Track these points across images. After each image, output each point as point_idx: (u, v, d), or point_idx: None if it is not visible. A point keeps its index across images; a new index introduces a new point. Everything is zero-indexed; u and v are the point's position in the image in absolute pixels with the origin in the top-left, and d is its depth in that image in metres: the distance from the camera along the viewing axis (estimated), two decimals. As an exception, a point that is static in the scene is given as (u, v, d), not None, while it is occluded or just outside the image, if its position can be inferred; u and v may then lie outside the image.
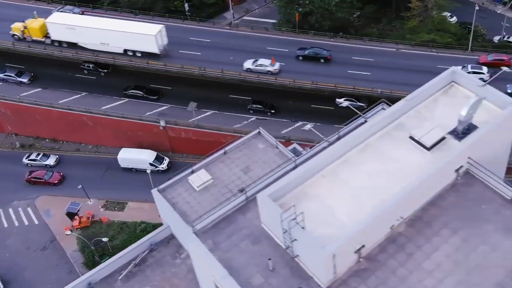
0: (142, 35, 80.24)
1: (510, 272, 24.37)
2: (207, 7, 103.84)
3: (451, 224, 26.39)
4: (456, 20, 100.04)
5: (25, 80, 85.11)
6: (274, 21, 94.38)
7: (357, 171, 27.69)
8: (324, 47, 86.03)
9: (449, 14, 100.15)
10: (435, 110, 31.14)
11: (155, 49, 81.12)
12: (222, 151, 45.01)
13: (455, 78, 32.50)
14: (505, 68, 34.35)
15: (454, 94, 32.02)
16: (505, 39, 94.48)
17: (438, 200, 27.45)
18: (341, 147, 28.35)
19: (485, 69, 79.76)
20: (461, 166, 28.18)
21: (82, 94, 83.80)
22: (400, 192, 25.28)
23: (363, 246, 24.46)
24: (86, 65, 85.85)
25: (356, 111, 32.91)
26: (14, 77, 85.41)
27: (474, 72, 78.41)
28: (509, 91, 76.20)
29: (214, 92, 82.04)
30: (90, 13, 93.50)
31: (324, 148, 30.67)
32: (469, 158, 28.25)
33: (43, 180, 77.71)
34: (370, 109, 33.60)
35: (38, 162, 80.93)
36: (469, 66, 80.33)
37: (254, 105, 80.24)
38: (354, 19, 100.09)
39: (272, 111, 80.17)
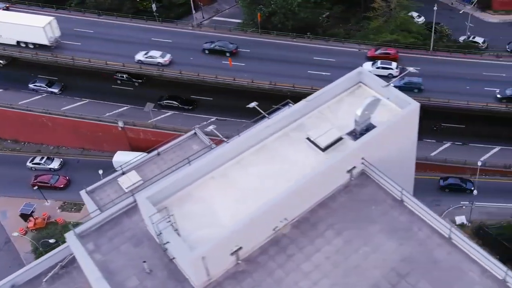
0: (32, 27, 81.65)
1: (387, 273, 24.27)
2: (177, 7, 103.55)
3: (337, 225, 26.26)
4: (424, 20, 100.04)
5: (55, 90, 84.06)
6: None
7: (249, 172, 27.55)
8: (287, 47, 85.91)
9: (416, 14, 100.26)
10: (339, 110, 31.01)
11: (44, 41, 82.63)
12: (155, 152, 44.89)
13: (361, 78, 32.37)
14: (410, 69, 34.01)
15: (360, 94, 31.85)
16: (470, 39, 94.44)
17: (328, 201, 27.33)
18: (234, 148, 28.18)
19: (394, 64, 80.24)
20: (354, 167, 28.02)
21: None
22: (281, 193, 25.12)
23: (240, 248, 24.27)
24: (119, 75, 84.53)
25: (261, 111, 32.73)
26: (44, 87, 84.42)
27: (383, 68, 78.79)
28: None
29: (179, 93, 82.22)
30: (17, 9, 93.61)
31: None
32: (363, 158, 28.10)
33: (49, 185, 76.85)
34: (276, 108, 33.46)
35: (42, 166, 79.82)
36: (379, 62, 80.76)
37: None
38: (323, 19, 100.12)
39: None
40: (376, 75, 77.86)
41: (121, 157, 75.89)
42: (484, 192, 72.96)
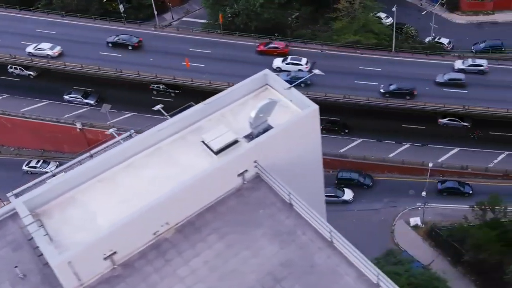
0: None
1: (263, 277, 24.08)
2: (146, 8, 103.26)
3: (222, 229, 26.04)
4: (392, 21, 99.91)
5: (92, 102, 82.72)
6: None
7: (138, 176, 27.27)
8: (249, 48, 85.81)
9: (385, 15, 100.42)
10: (241, 113, 30.74)
11: None
12: (88, 154, 44.47)
13: (267, 80, 32.13)
14: (316, 71, 33.79)
15: (265, 97, 31.56)
16: (435, 40, 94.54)
17: (217, 205, 27.09)
18: (125, 150, 27.95)
19: (304, 60, 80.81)
20: (246, 170, 27.82)
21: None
22: (158, 197, 24.91)
23: (115, 252, 24.03)
24: (155, 85, 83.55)
25: (164, 113, 32.46)
26: (80, 98, 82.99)
27: (293, 64, 79.57)
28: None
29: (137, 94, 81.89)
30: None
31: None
32: (255, 161, 27.90)
33: None
34: (181, 110, 33.18)
35: (38, 169, 78.73)
36: (289, 57, 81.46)
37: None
38: (293, 20, 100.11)
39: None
40: (287, 70, 79.78)
41: None
42: (441, 193, 73.18)
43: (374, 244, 67.00)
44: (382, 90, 78.17)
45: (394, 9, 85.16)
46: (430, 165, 65.88)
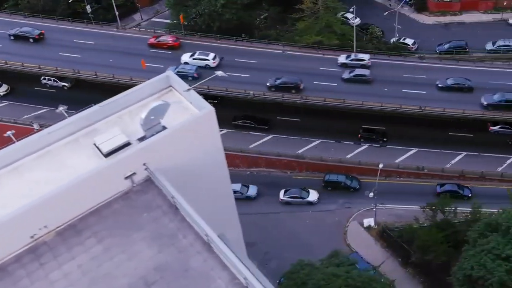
0: None
1: (135, 281, 23.88)
2: (116, 9, 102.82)
3: (102, 232, 25.80)
4: (360, 21, 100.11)
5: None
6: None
7: (24, 179, 27.01)
8: (211, 49, 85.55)
9: (352, 15, 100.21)
10: (140, 115, 30.53)
11: None
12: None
13: (171, 82, 31.93)
14: (219, 73, 33.62)
15: (168, 99, 31.41)
16: (400, 40, 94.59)
17: (103, 208, 26.85)
18: (12, 153, 27.68)
19: (211, 55, 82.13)
20: (134, 173, 27.58)
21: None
22: (33, 201, 24.66)
23: (-16, 257, 23.79)
24: None
25: (65, 114, 32.24)
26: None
27: (200, 59, 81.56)
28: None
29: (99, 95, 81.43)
30: None
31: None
32: (144, 164, 27.68)
33: None
34: (81, 111, 32.92)
35: None
36: (197, 52, 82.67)
37: None
38: (261, 20, 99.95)
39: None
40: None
41: None
42: (397, 194, 73.18)
43: (326, 245, 67.03)
44: (268, 84, 78.34)
45: (351, 10, 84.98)
46: (381, 166, 65.77)
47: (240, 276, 23.64)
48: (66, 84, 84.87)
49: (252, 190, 74.50)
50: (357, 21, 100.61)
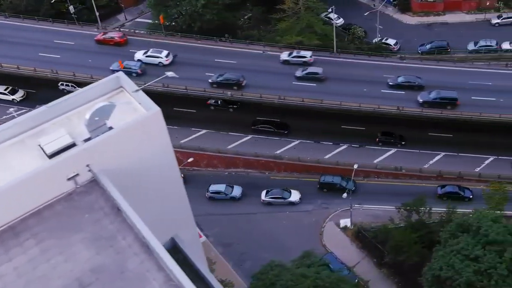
0: None
1: (70, 283, 23.74)
2: (100, 9, 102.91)
3: (41, 234, 25.64)
4: (343, 21, 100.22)
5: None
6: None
7: (-37, 181, 26.84)
8: (191, 49, 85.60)
9: (336, 16, 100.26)
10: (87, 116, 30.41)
11: None
12: None
13: (121, 83, 31.80)
14: (169, 73, 33.53)
15: (118, 99, 31.30)
16: (383, 41, 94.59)
17: (44, 210, 26.69)
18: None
19: (164, 53, 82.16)
20: (77, 174, 27.44)
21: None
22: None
23: None
24: (213, 101, 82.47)
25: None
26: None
27: (153, 56, 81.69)
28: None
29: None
30: None
31: None
32: (88, 165, 27.54)
33: None
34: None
35: None
36: (151, 50, 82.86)
37: None
38: (245, 20, 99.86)
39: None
40: (147, 63, 79.94)
41: None
42: (376, 194, 73.20)
43: (302, 245, 66.85)
44: (210, 81, 79.02)
45: (330, 9, 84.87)
46: (355, 166, 65.75)
47: (176, 278, 23.54)
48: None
49: (237, 191, 74.37)
50: (341, 21, 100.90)
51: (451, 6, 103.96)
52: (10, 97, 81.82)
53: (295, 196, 73.39)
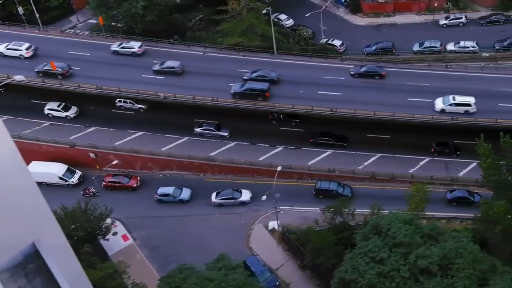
0: None
1: None
2: (52, 10, 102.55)
3: None
4: (293, 23, 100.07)
5: (225, 134, 79.44)
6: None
7: None
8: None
9: (285, 16, 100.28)
10: None
11: None
12: None
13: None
14: (17, 77, 33.03)
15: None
16: (329, 41, 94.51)
17: None
18: None
19: (25, 45, 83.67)
20: None
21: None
22: None
23: None
24: (275, 115, 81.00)
25: None
26: (213, 131, 79.43)
27: (14, 49, 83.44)
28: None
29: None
30: None
31: None
32: None
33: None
34: None
35: None
36: (13, 42, 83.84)
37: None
38: (196, 21, 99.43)
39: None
40: (8, 56, 79.27)
41: (35, 168, 72.42)
42: (310, 196, 72.94)
43: (228, 248, 66.25)
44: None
45: (265, 11, 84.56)
46: (279, 168, 65.39)
47: None
48: (142, 106, 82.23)
49: (185, 194, 73.84)
50: (290, 22, 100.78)
51: (401, 7, 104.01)
52: (63, 114, 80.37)
53: (246, 195, 72.77)
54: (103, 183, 75.80)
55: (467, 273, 49.70)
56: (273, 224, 69.00)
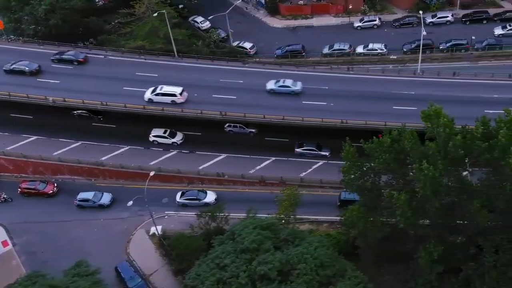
0: None
1: None
2: None
3: None
4: (209, 25, 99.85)
5: (327, 154, 76.06)
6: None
7: None
8: (28, 54, 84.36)
9: (202, 19, 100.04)
10: None
11: None
12: None
13: None
14: None
15: None
16: (240, 44, 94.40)
17: None
18: None
19: None
20: None
21: None
22: None
23: None
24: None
25: None
26: (315, 151, 76.22)
27: None
28: None
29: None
30: None
31: None
32: None
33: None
34: None
35: None
36: None
37: None
38: (115, 24, 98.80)
39: None
40: None
41: None
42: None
43: (107, 254, 66.35)
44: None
45: (156, 14, 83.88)
46: (152, 173, 64.75)
47: None
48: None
49: (106, 198, 73.08)
50: (207, 24, 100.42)
51: (319, 9, 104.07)
52: (170, 141, 78.61)
53: (210, 197, 71.73)
54: (19, 189, 74.94)
55: (307, 279, 49.62)
56: (154, 229, 68.47)
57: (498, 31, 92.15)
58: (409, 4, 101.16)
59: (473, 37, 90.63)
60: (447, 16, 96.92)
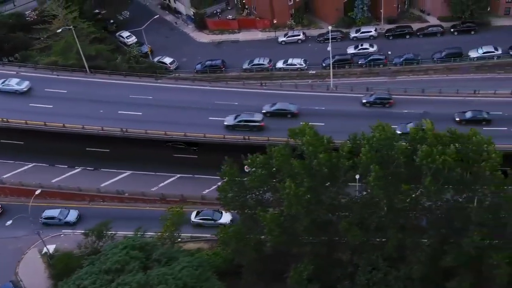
0: None
1: None
2: None
3: None
4: (136, 40, 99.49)
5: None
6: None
7: None
8: None
9: (128, 33, 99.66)
10: None
11: None
12: None
13: None
14: None
15: None
16: (160, 59, 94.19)
17: None
18: None
19: None
20: None
21: None
22: None
23: None
24: None
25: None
26: None
27: None
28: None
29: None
30: None
31: None
32: None
33: None
34: None
35: None
36: None
37: None
38: (44, 39, 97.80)
39: None
40: None
41: None
42: (102, 218, 71.15)
43: (-4, 274, 65.10)
44: None
45: (68, 30, 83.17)
46: (38, 191, 63.84)
47: None
48: None
49: (72, 216, 71.81)
50: (133, 39, 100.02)
51: (246, 24, 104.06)
52: None
53: (226, 218, 69.19)
54: None
55: (165, 300, 48.77)
56: (46, 249, 67.35)
57: (350, 50, 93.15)
58: (335, 19, 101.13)
59: (389, 52, 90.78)
60: (371, 31, 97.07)
